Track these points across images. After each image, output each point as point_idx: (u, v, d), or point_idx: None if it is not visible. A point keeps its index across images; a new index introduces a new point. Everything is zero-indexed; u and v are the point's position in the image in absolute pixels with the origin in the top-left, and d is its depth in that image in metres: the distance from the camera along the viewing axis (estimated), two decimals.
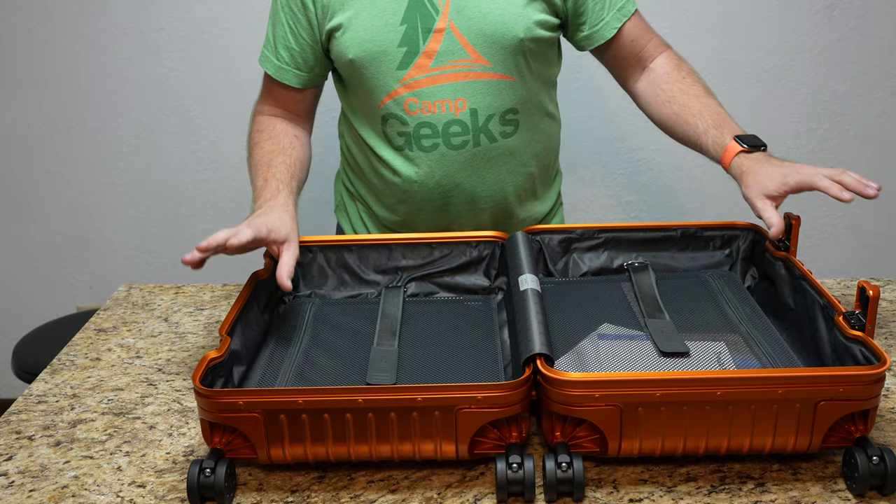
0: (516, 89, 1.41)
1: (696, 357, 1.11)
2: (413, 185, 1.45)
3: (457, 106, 1.38)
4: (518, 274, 1.21)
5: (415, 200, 1.47)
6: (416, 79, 1.37)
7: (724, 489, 1.00)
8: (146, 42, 2.25)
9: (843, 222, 2.42)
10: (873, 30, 2.23)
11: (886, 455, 0.96)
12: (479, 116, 1.39)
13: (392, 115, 1.41)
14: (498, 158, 1.44)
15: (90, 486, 1.04)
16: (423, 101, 1.38)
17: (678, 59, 1.47)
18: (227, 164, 2.35)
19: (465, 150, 1.41)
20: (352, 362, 1.15)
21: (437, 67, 1.37)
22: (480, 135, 1.41)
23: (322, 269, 1.36)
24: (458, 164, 1.42)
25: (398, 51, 1.36)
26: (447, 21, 1.35)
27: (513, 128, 1.43)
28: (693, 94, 1.40)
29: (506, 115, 1.41)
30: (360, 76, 1.39)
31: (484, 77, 1.38)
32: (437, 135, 1.40)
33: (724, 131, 1.32)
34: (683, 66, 1.45)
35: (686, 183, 2.34)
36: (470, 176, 1.44)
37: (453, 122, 1.39)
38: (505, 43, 1.36)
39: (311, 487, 1.02)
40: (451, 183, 1.44)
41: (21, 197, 2.42)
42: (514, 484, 0.96)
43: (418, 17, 1.35)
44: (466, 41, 1.36)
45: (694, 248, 1.36)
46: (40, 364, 1.40)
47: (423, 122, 1.39)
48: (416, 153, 1.42)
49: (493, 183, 1.46)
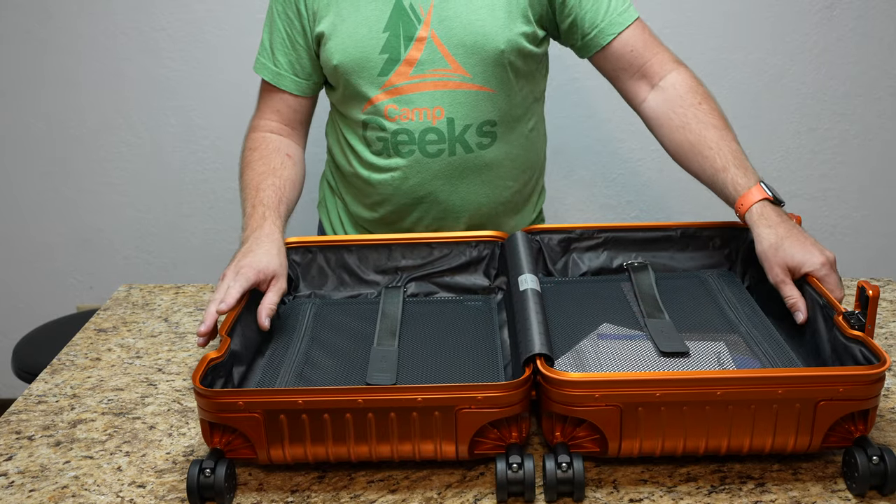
0: (495, 101, 1.41)
1: (696, 357, 1.11)
2: (388, 189, 1.46)
3: (434, 114, 1.39)
4: (518, 274, 1.21)
5: (391, 204, 1.48)
6: (396, 85, 1.38)
7: (724, 489, 1.00)
8: (146, 42, 2.25)
9: (843, 222, 2.42)
10: (873, 30, 2.23)
11: (886, 455, 0.96)
12: (456, 126, 1.40)
13: (372, 121, 1.42)
14: (474, 170, 1.44)
15: (90, 487, 1.04)
16: (402, 108, 1.39)
17: (694, 82, 1.37)
18: (227, 164, 2.35)
19: (440, 159, 1.42)
20: (352, 362, 1.15)
21: (417, 75, 1.38)
22: (456, 144, 1.41)
23: (322, 270, 1.36)
24: (432, 172, 1.43)
25: (380, 57, 1.37)
26: (429, 30, 1.36)
27: (490, 139, 1.43)
28: (710, 124, 1.31)
29: (483, 126, 1.41)
30: (344, 82, 1.41)
31: (462, 87, 1.38)
32: (414, 142, 1.41)
33: (746, 172, 1.24)
34: (700, 89, 1.36)
35: (685, 183, 2.31)
36: (444, 185, 1.44)
37: (430, 130, 1.40)
38: (485, 55, 1.37)
39: (311, 487, 1.02)
40: (425, 191, 1.45)
41: (21, 197, 2.42)
42: (514, 484, 0.96)
43: (401, 25, 1.36)
44: (447, 51, 1.37)
45: (693, 248, 1.36)
46: (40, 364, 1.40)
47: (402, 129, 1.40)
48: (393, 159, 1.43)
49: (467, 194, 1.46)
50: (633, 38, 1.39)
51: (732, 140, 1.30)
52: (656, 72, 1.39)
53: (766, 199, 1.20)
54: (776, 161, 2.34)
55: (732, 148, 1.28)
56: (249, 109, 1.53)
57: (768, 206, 1.20)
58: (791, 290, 1.14)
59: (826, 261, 1.13)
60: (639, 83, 1.41)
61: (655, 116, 1.39)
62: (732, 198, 1.24)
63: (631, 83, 1.42)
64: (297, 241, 1.35)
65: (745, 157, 1.28)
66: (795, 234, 1.16)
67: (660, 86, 1.39)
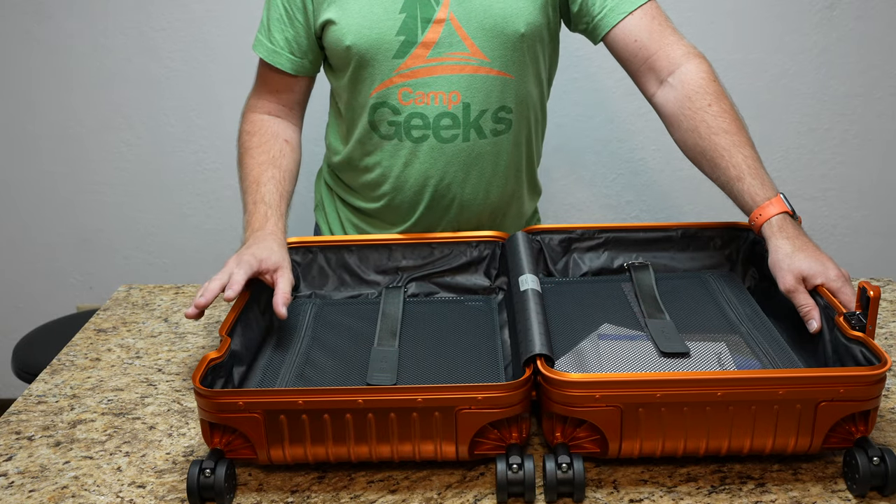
0: (512, 87, 1.39)
1: (697, 357, 1.11)
2: (397, 177, 1.43)
3: (450, 98, 1.37)
4: (518, 274, 1.21)
5: (397, 193, 1.45)
6: (412, 68, 1.36)
7: (724, 489, 1.00)
8: (146, 42, 2.25)
9: (843, 222, 2.42)
10: (873, 30, 2.23)
11: (887, 456, 0.96)
12: (472, 111, 1.38)
13: (384, 104, 1.39)
14: (486, 156, 1.42)
15: (90, 487, 1.04)
16: (416, 92, 1.37)
17: (705, 78, 1.31)
18: (228, 163, 2.35)
19: (453, 144, 1.40)
20: (352, 363, 1.15)
21: (433, 58, 1.35)
22: (471, 130, 1.39)
23: (322, 270, 1.36)
24: (445, 158, 1.40)
25: (396, 39, 1.34)
26: (447, 12, 1.34)
27: (504, 126, 1.41)
28: (721, 129, 1.27)
29: (498, 112, 1.40)
30: (356, 64, 1.37)
31: (480, 72, 1.36)
32: (428, 126, 1.39)
33: (763, 182, 1.21)
34: (711, 87, 1.30)
35: (686, 183, 2.34)
36: (457, 171, 1.42)
37: (445, 115, 1.38)
38: (505, 38, 1.35)
39: (311, 487, 1.02)
40: (437, 177, 1.42)
41: (21, 197, 2.42)
42: (515, 485, 0.96)
43: (418, 7, 1.34)
44: (466, 34, 1.35)
45: (694, 249, 1.36)
46: (40, 364, 1.40)
47: (415, 113, 1.38)
48: (404, 143, 1.40)
49: (478, 180, 1.43)
50: (637, 27, 1.35)
51: (745, 145, 1.25)
52: (664, 66, 1.34)
53: (785, 212, 1.18)
54: (776, 161, 2.34)
55: (745, 154, 1.24)
56: None
57: (788, 219, 1.18)
58: (805, 299, 1.12)
59: (840, 274, 1.12)
60: (647, 76, 1.37)
61: (666, 115, 1.35)
62: (749, 207, 1.21)
63: (639, 75, 1.38)
64: (298, 241, 1.35)
65: (759, 165, 1.24)
66: (812, 247, 1.16)
67: (668, 82, 1.34)
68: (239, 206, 1.39)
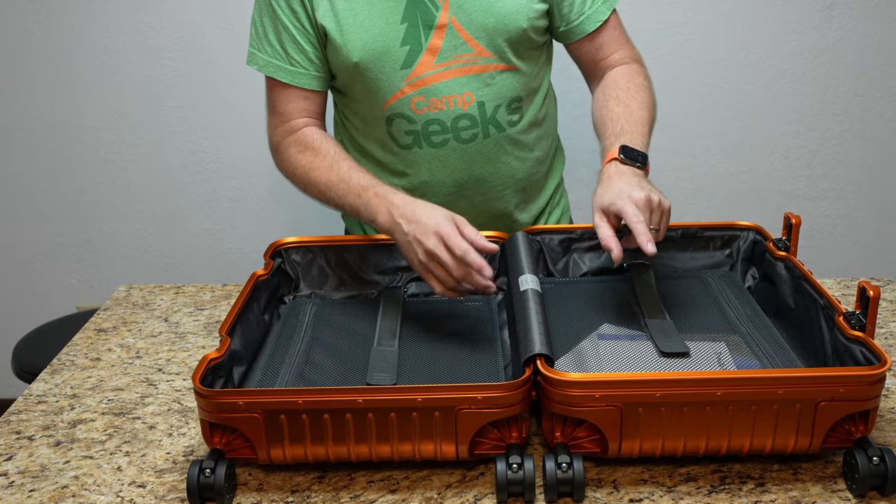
0: (520, 78, 1.41)
1: (697, 357, 1.11)
2: (424, 182, 1.44)
3: (464, 100, 1.38)
4: (518, 274, 1.21)
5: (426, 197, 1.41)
6: (421, 76, 1.36)
7: (724, 489, 1.00)
8: (146, 42, 2.25)
9: (843, 222, 2.42)
10: (873, 30, 2.23)
11: (887, 455, 0.96)
12: (487, 108, 1.40)
13: (398, 115, 1.39)
14: (506, 147, 1.44)
15: (90, 486, 1.04)
16: (430, 99, 1.38)
17: (636, 74, 1.41)
18: (228, 164, 2.35)
19: (475, 143, 1.42)
20: (352, 362, 1.15)
21: (441, 64, 1.36)
22: (489, 126, 1.41)
23: (322, 270, 1.36)
24: (468, 157, 1.42)
25: (401, 50, 1.35)
26: (448, 17, 1.34)
27: (519, 115, 1.44)
28: (623, 102, 1.35)
29: (511, 103, 1.42)
30: (364, 79, 1.37)
31: (489, 69, 1.38)
32: (447, 130, 1.40)
33: (621, 139, 1.26)
34: (636, 80, 1.40)
35: (686, 183, 2.34)
36: (482, 167, 1.44)
37: (462, 117, 1.39)
38: (508, 35, 1.36)
39: (311, 487, 1.02)
40: (465, 175, 1.44)
41: (21, 197, 2.42)
42: (515, 484, 0.96)
43: (418, 15, 1.34)
44: (469, 36, 1.35)
45: (694, 249, 1.36)
46: (40, 364, 1.40)
47: (432, 119, 1.39)
48: (425, 150, 1.41)
49: (503, 170, 1.46)
50: (603, 34, 1.42)
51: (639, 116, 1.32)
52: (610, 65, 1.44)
53: (614, 159, 1.22)
54: (776, 161, 2.34)
55: (632, 120, 1.31)
56: (249, 109, 1.53)
57: (613, 164, 1.22)
58: (604, 231, 1.14)
59: (631, 198, 1.13)
60: (598, 78, 1.45)
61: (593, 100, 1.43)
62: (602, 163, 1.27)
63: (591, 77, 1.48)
64: (297, 240, 1.35)
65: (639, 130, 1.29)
66: (620, 181, 1.17)
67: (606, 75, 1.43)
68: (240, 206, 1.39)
